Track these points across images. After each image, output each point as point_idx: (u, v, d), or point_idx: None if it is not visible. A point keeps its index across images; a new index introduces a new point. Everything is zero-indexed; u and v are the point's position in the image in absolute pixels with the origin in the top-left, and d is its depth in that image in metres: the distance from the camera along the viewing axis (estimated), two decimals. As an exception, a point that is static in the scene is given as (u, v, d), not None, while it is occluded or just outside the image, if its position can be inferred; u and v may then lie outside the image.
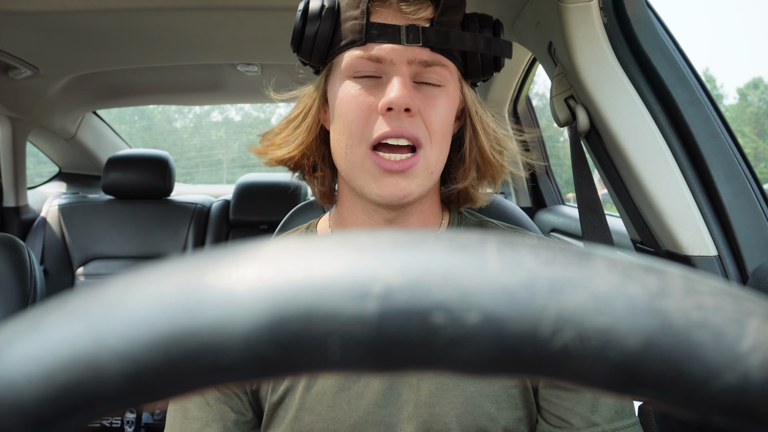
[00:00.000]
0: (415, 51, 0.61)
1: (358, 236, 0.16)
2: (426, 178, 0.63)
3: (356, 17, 0.62)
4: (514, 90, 1.73)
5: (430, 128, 0.61)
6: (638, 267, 0.15)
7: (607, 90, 0.87)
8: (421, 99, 0.61)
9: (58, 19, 1.30)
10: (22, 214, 2.15)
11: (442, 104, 0.62)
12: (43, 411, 0.14)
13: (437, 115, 0.62)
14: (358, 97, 0.62)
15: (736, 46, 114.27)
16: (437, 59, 0.62)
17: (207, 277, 0.15)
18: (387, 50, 0.61)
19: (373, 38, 0.61)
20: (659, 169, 0.84)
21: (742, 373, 0.13)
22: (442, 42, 0.61)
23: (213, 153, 38.78)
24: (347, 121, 0.62)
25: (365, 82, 0.62)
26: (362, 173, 0.62)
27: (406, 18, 0.61)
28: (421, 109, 0.61)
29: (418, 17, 0.61)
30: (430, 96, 0.62)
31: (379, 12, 0.62)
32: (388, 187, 0.60)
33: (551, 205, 1.89)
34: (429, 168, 0.62)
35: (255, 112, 38.05)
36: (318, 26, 0.63)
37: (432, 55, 0.62)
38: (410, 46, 0.60)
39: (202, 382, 0.15)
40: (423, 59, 0.61)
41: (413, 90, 0.61)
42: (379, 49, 0.61)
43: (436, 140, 0.62)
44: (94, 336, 0.14)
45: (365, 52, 0.61)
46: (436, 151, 0.62)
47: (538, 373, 0.14)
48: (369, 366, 0.15)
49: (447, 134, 0.64)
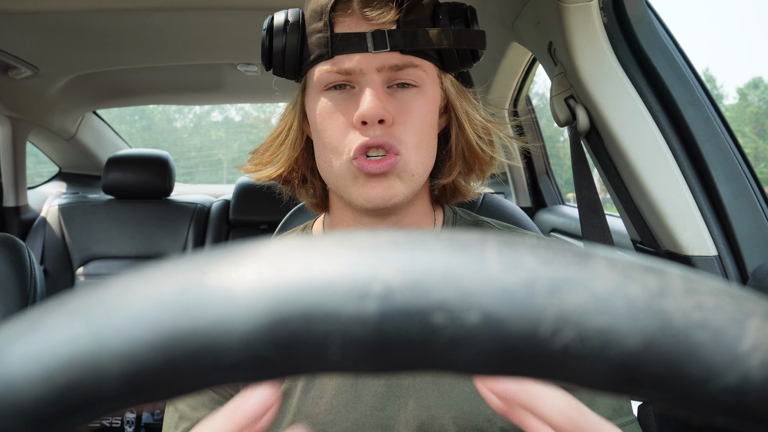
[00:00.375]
0: (383, 57, 0.59)
1: (358, 236, 0.16)
2: (410, 181, 0.62)
3: (320, 30, 0.61)
4: (514, 90, 1.73)
5: (408, 133, 0.60)
6: (638, 267, 0.15)
7: (607, 90, 0.87)
8: (396, 105, 0.60)
9: (58, 19, 1.30)
10: (22, 214, 2.15)
11: (418, 108, 0.61)
12: (43, 411, 0.14)
13: (414, 121, 0.61)
14: (332, 113, 0.61)
15: (736, 46, 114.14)
16: (408, 61, 0.60)
17: (207, 277, 0.15)
18: (355, 61, 0.59)
19: (339, 50, 0.60)
20: (659, 169, 0.84)
21: (742, 373, 0.13)
22: (410, 44, 0.60)
23: (213, 153, 38.78)
24: (326, 137, 0.62)
25: (338, 95, 0.61)
26: (347, 180, 0.61)
27: (371, 24, 0.59)
28: (396, 116, 0.60)
29: (383, 21, 0.59)
30: (405, 101, 0.61)
31: (342, 21, 0.60)
32: (373, 190, 0.60)
33: (551, 205, 1.89)
34: (410, 172, 0.61)
35: (255, 112, 38.02)
36: (284, 41, 0.63)
37: (402, 58, 0.60)
38: (378, 52, 0.59)
39: (202, 382, 0.15)
40: (393, 64, 0.60)
41: (387, 97, 0.60)
42: (347, 60, 0.60)
43: (415, 145, 0.61)
44: (95, 336, 0.14)
45: (333, 66, 0.60)
46: (415, 155, 0.61)
47: (538, 373, 0.14)
48: (369, 366, 0.15)
49: (428, 137, 0.63)
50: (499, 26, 1.23)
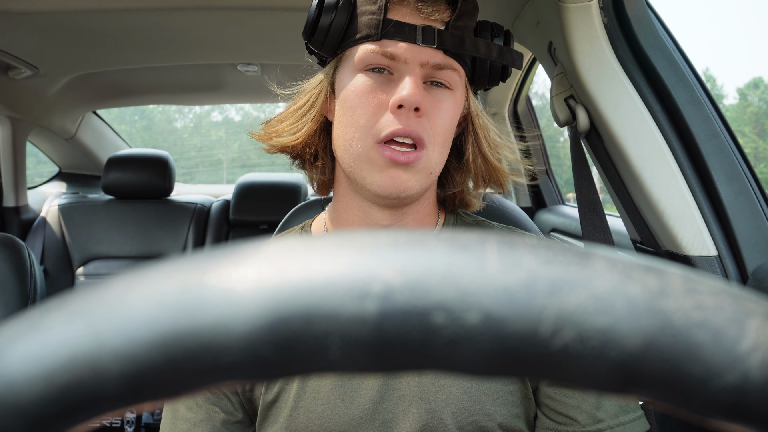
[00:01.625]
0: (428, 52, 0.61)
1: (358, 236, 0.16)
2: (425, 176, 0.63)
3: (373, 12, 0.62)
4: (514, 90, 1.73)
5: (435, 130, 0.62)
6: (638, 267, 0.15)
7: (607, 90, 0.87)
8: (430, 101, 0.62)
9: (58, 19, 1.30)
10: (22, 214, 2.15)
11: (448, 107, 0.63)
12: (43, 411, 0.14)
13: (443, 118, 0.63)
14: (368, 92, 0.62)
15: (736, 46, 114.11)
16: (449, 62, 0.62)
17: (207, 277, 0.15)
18: (402, 48, 0.61)
19: (389, 35, 0.61)
20: (659, 169, 0.84)
21: (742, 373, 0.13)
22: (457, 46, 0.62)
23: (213, 153, 38.79)
24: (356, 115, 0.62)
25: (376, 77, 0.62)
26: (367, 164, 0.62)
27: (423, 18, 0.62)
28: (428, 110, 0.61)
29: (434, 19, 0.62)
30: (438, 98, 0.63)
31: (396, 9, 0.62)
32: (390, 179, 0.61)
33: (551, 205, 1.89)
34: (429, 167, 0.63)
35: (255, 112, 38.04)
36: (333, 17, 0.63)
37: (445, 58, 0.62)
38: (425, 46, 0.61)
39: (202, 382, 0.15)
40: (436, 62, 0.62)
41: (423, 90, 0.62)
42: (394, 46, 0.61)
43: (439, 142, 0.63)
44: (95, 336, 0.14)
45: (380, 48, 0.61)
46: (437, 152, 0.63)
47: (538, 373, 0.14)
48: (369, 366, 0.15)
49: (449, 137, 0.65)
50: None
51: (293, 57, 1.59)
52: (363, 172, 0.62)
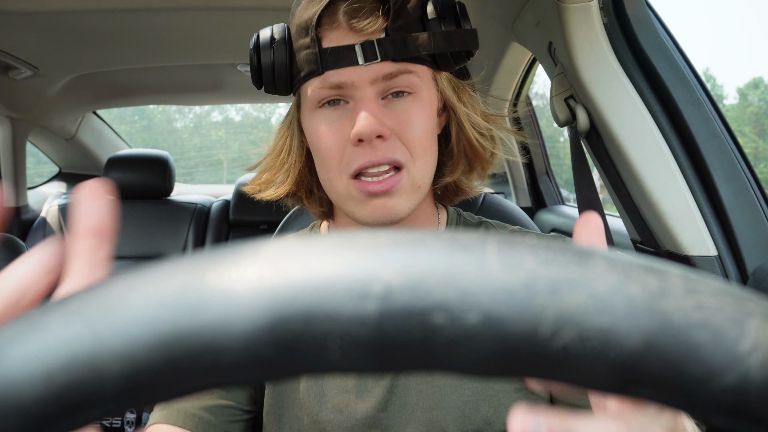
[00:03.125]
0: (375, 68, 0.57)
1: (358, 236, 0.16)
2: (413, 193, 0.60)
3: (308, 45, 0.58)
4: (514, 90, 1.73)
5: (409, 144, 0.59)
6: (638, 267, 0.15)
7: (607, 90, 0.87)
8: (393, 117, 0.59)
9: (58, 19, 1.30)
10: (22, 214, 2.15)
11: (416, 116, 0.59)
12: (43, 411, 0.14)
13: (414, 128, 0.59)
14: (329, 130, 0.59)
15: (736, 47, 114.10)
16: (401, 68, 0.58)
17: (207, 277, 0.15)
18: (347, 75, 0.57)
19: (330, 65, 0.57)
20: (659, 169, 0.84)
21: (742, 373, 0.13)
22: (401, 52, 0.57)
23: (213, 153, 38.79)
24: (324, 155, 0.60)
25: (333, 112, 0.59)
26: (350, 200, 0.60)
27: (359, 35, 0.57)
28: (395, 128, 0.58)
29: (371, 31, 0.57)
30: (402, 111, 0.59)
31: (329, 35, 0.58)
32: (376, 210, 0.59)
33: (551, 205, 1.89)
34: (415, 183, 0.60)
35: (255, 112, 38.05)
36: (272, 58, 0.61)
37: (395, 66, 0.58)
38: (369, 64, 0.57)
39: (202, 383, 0.15)
40: (386, 73, 0.58)
41: (383, 110, 0.58)
42: (338, 75, 0.57)
43: (419, 155, 0.59)
44: (94, 336, 0.14)
45: (325, 82, 0.58)
46: (420, 165, 0.60)
47: (538, 373, 0.14)
48: (369, 366, 0.15)
49: (429, 144, 0.61)
50: (499, 26, 1.23)
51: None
52: (349, 207, 0.61)
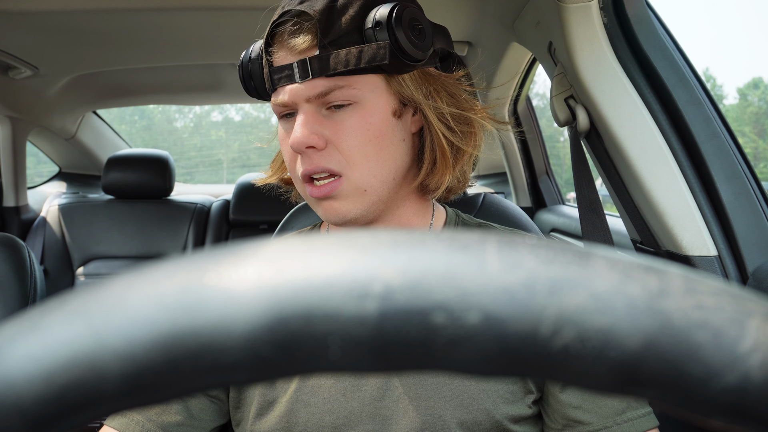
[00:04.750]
0: (308, 86, 0.60)
1: (358, 236, 0.16)
2: (360, 197, 0.62)
3: (265, 65, 0.64)
4: (514, 90, 1.73)
5: (345, 154, 0.61)
6: (638, 267, 0.15)
7: (607, 90, 0.87)
8: (332, 126, 0.61)
9: (58, 19, 1.30)
10: (22, 214, 2.15)
11: (353, 126, 0.60)
12: (43, 411, 0.14)
13: (349, 139, 0.60)
14: (283, 139, 0.66)
15: (736, 46, 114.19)
16: (332, 85, 0.60)
17: (207, 276, 0.15)
18: (287, 93, 0.62)
19: (276, 83, 0.62)
20: (659, 169, 0.84)
21: (743, 373, 0.13)
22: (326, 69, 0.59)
23: (213, 153, 38.80)
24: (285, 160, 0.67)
25: (287, 123, 0.65)
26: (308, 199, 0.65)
27: (298, 54, 0.61)
28: (332, 137, 0.61)
29: (306, 48, 0.60)
30: (340, 121, 0.61)
31: (278, 55, 0.63)
32: (326, 211, 0.63)
33: (551, 205, 1.89)
34: (359, 188, 0.61)
35: (255, 112, 38.11)
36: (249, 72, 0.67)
37: (326, 83, 0.59)
38: (303, 82, 0.60)
39: (202, 382, 0.15)
40: (317, 92, 0.60)
41: (323, 120, 0.61)
42: (282, 93, 0.62)
43: (357, 162, 0.61)
44: (94, 336, 0.14)
45: (276, 98, 0.63)
46: (360, 171, 0.61)
47: (538, 373, 0.14)
48: (369, 366, 0.15)
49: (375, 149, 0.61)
50: (499, 26, 1.23)
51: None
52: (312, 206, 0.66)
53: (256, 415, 0.65)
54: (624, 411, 0.61)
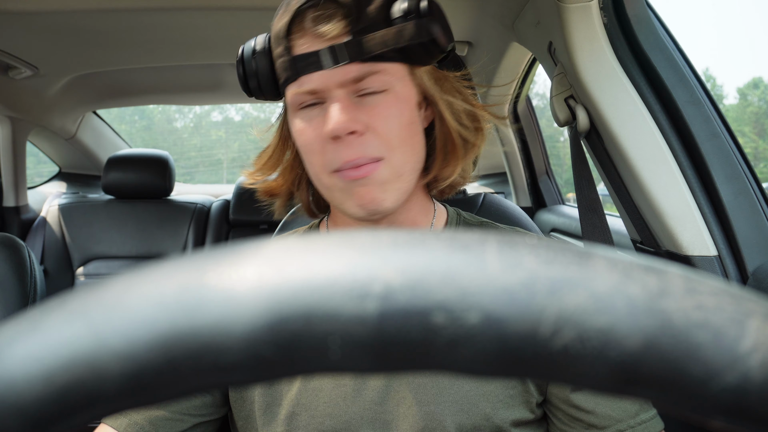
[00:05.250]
0: (341, 71, 0.59)
1: (358, 236, 0.16)
2: (396, 182, 0.62)
3: (282, 54, 0.61)
4: (514, 90, 1.73)
5: (385, 137, 0.60)
6: (638, 267, 0.15)
7: (607, 90, 0.87)
8: (367, 112, 0.60)
9: (58, 19, 1.30)
10: (22, 214, 2.15)
11: (389, 110, 0.61)
12: (43, 411, 0.14)
13: (388, 123, 0.60)
14: (308, 130, 0.62)
15: (736, 46, 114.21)
16: (367, 70, 0.60)
17: (207, 276, 0.15)
18: (316, 80, 0.60)
19: (301, 71, 0.60)
20: (659, 169, 0.84)
21: (743, 373, 0.13)
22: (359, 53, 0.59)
23: (213, 153, 38.79)
24: (308, 154, 0.63)
25: (311, 113, 0.62)
26: (337, 192, 0.62)
27: (325, 40, 0.59)
28: (369, 122, 0.60)
29: (335, 35, 0.59)
30: (374, 106, 0.60)
31: (300, 43, 0.61)
32: (361, 198, 0.61)
33: (551, 205, 1.89)
34: (397, 172, 0.61)
35: (255, 112, 38.07)
36: (255, 67, 0.65)
37: (360, 68, 0.59)
38: (335, 68, 0.59)
39: (202, 383, 0.15)
40: (351, 77, 0.59)
41: (357, 107, 0.60)
42: (309, 80, 0.60)
43: (396, 145, 0.61)
44: (94, 336, 0.14)
45: (299, 87, 0.61)
46: (398, 155, 0.61)
47: (539, 373, 0.14)
48: (369, 366, 0.15)
49: (407, 136, 0.62)
50: (499, 26, 1.23)
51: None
52: (337, 200, 0.63)
53: (256, 417, 0.65)
54: (637, 413, 0.61)
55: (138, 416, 0.62)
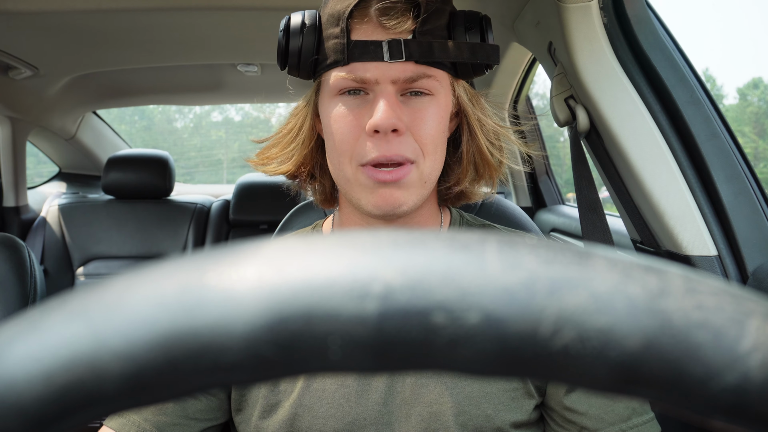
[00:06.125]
0: (398, 67, 0.59)
1: (358, 236, 0.16)
2: (420, 188, 0.62)
3: (337, 36, 0.60)
4: (514, 90, 1.73)
5: (421, 141, 0.60)
6: (638, 267, 0.15)
7: (607, 90, 0.87)
8: (410, 113, 0.60)
9: (58, 19, 1.30)
10: (22, 214, 2.15)
11: (431, 116, 0.61)
12: (43, 411, 0.14)
13: (427, 128, 0.61)
14: (346, 117, 0.61)
15: (736, 46, 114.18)
16: (422, 72, 0.60)
17: (207, 276, 0.15)
18: (371, 69, 0.59)
19: (355, 57, 0.59)
20: (659, 169, 0.84)
21: (742, 373, 0.13)
22: (426, 55, 0.59)
23: (213, 153, 38.79)
24: (338, 141, 0.62)
25: (352, 101, 0.61)
26: (357, 186, 0.62)
27: (388, 32, 0.59)
28: (409, 124, 0.60)
29: (399, 30, 0.58)
30: (418, 109, 0.61)
31: (359, 28, 0.60)
32: (382, 198, 0.60)
33: (551, 205, 1.89)
34: (423, 179, 0.62)
35: (255, 112, 38.11)
36: (301, 43, 0.62)
37: (417, 69, 0.60)
38: (393, 62, 0.59)
39: (202, 383, 0.15)
40: (407, 76, 0.59)
41: (400, 106, 0.60)
42: (362, 69, 0.59)
43: (428, 152, 0.61)
44: (94, 336, 0.14)
45: (349, 73, 0.60)
46: (428, 162, 0.62)
47: (539, 373, 0.14)
48: (369, 366, 0.15)
49: (440, 144, 0.63)
50: (499, 26, 1.23)
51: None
52: (356, 193, 0.62)
53: (259, 418, 0.65)
54: (629, 417, 0.61)
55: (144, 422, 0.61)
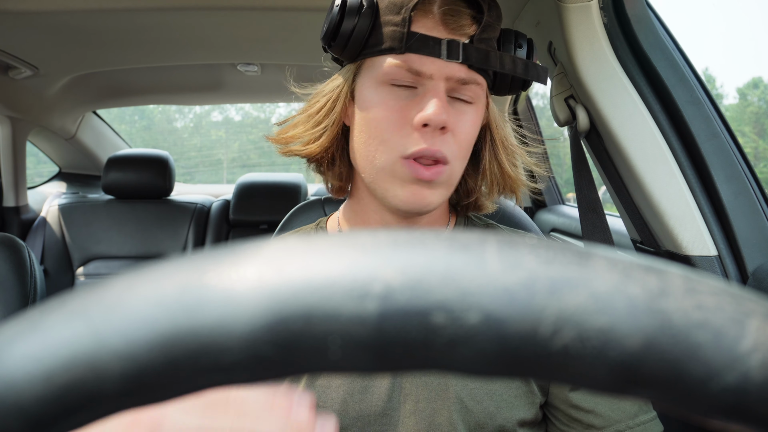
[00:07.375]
0: (453, 67, 0.60)
1: (358, 236, 0.16)
2: (447, 189, 0.63)
3: (397, 23, 0.60)
4: (514, 90, 1.73)
5: (458, 145, 0.61)
6: (638, 267, 0.15)
7: (607, 90, 0.87)
8: (454, 115, 0.61)
9: (58, 19, 1.30)
10: (22, 214, 2.15)
11: (471, 121, 0.62)
12: (43, 411, 0.14)
13: (465, 132, 0.62)
14: (393, 106, 0.60)
15: (736, 46, 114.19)
16: (474, 77, 0.61)
17: (207, 276, 0.15)
18: (427, 64, 0.59)
19: (412, 48, 0.59)
20: (659, 168, 0.84)
21: (742, 373, 0.13)
22: (482, 61, 0.60)
23: (213, 153, 38.78)
24: (380, 128, 0.61)
25: (400, 92, 0.61)
26: (390, 177, 0.61)
27: (448, 32, 0.60)
28: (453, 125, 0.61)
29: (460, 33, 0.60)
30: (461, 112, 0.62)
31: (420, 22, 0.60)
32: (413, 195, 0.61)
33: (551, 205, 1.89)
34: (451, 180, 0.63)
35: (255, 112, 38.13)
36: (356, 23, 0.61)
37: (469, 73, 0.61)
38: (450, 61, 0.59)
39: (203, 383, 0.15)
40: (461, 77, 0.60)
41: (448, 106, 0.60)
42: (419, 61, 0.59)
43: (462, 156, 0.63)
44: (94, 336, 0.14)
45: (404, 63, 0.59)
46: (459, 165, 0.63)
47: (539, 373, 0.14)
48: (369, 366, 0.15)
49: (469, 150, 0.65)
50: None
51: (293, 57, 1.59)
52: (385, 184, 0.62)
53: None
54: (636, 414, 0.61)
55: None
